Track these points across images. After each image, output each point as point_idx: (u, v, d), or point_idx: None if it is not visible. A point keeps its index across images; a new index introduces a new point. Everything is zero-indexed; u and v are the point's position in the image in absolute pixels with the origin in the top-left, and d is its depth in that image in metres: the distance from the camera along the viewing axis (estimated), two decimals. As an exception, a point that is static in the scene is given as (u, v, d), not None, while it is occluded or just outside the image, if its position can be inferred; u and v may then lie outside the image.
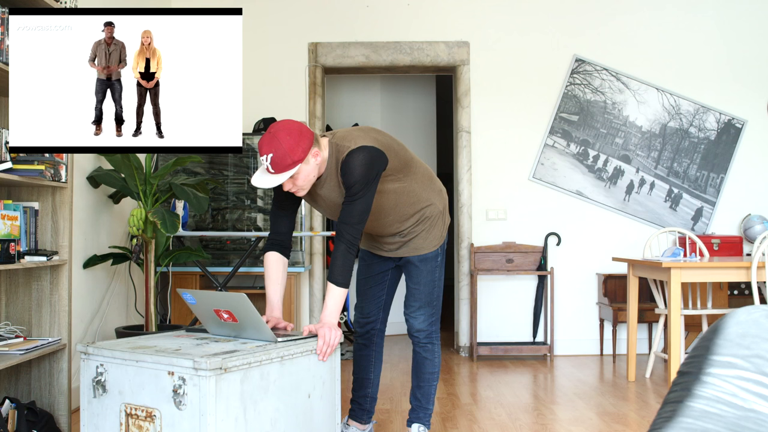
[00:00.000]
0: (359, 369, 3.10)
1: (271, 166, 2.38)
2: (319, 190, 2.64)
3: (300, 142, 2.41)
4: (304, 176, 2.47)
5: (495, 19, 5.55)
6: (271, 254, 2.69)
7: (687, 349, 4.69)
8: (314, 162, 2.48)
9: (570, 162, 5.52)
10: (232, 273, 4.56)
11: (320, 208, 2.79)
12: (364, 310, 3.06)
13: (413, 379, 3.07)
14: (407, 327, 3.02)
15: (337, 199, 2.63)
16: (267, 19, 5.50)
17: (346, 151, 2.54)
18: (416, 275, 2.91)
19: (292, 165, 2.39)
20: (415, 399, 3.04)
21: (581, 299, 5.50)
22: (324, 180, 2.60)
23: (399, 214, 2.77)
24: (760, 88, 5.55)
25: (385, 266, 3.02)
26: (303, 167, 2.44)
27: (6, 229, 2.75)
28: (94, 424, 2.33)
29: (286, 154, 2.37)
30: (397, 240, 2.88)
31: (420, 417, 3.01)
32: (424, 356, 3.01)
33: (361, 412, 3.10)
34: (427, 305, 2.92)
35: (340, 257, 2.53)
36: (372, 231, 2.86)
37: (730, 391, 0.78)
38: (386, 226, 2.80)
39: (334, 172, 2.58)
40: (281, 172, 2.39)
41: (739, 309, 0.86)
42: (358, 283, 3.06)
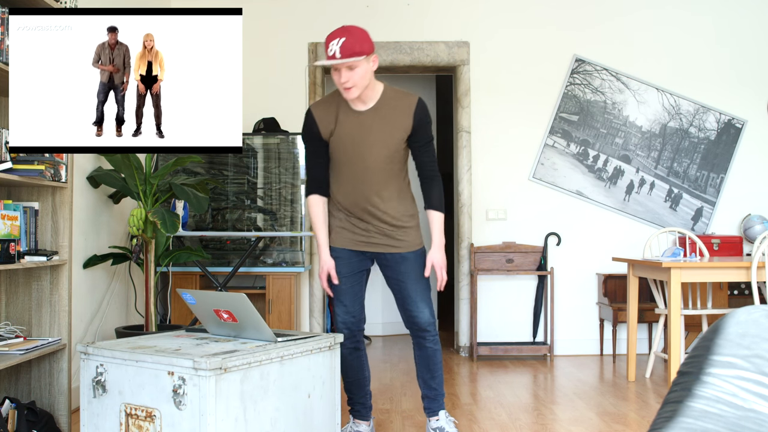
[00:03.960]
0: (354, 371, 3.07)
1: (340, 50, 2.62)
2: (368, 121, 2.82)
3: (368, 39, 2.71)
4: (362, 73, 2.69)
5: (495, 19, 5.55)
6: (314, 197, 2.95)
7: (687, 349, 4.69)
8: (371, 67, 2.75)
9: (570, 162, 5.52)
10: (232, 273, 4.55)
11: (356, 143, 2.85)
12: (351, 309, 3.00)
13: (424, 373, 3.07)
14: (413, 325, 3.00)
15: (388, 131, 2.82)
16: (267, 19, 5.50)
17: (409, 95, 2.88)
18: (414, 270, 2.97)
19: (359, 53, 2.64)
20: (431, 390, 3.06)
21: (581, 299, 5.50)
22: (378, 108, 2.83)
23: (397, 181, 2.93)
24: (760, 88, 5.55)
25: (363, 265, 3.03)
26: (363, 64, 2.69)
27: (6, 229, 2.75)
28: (94, 424, 2.33)
29: (356, 42, 2.64)
30: (388, 227, 2.92)
31: (441, 404, 3.08)
32: (435, 348, 3.04)
33: (365, 410, 3.11)
34: (428, 297, 3.00)
35: (438, 190, 2.92)
36: (366, 183, 2.89)
37: (730, 391, 0.78)
38: (381, 183, 2.89)
39: (392, 104, 2.84)
40: (347, 58, 2.63)
41: (739, 309, 0.86)
42: (340, 282, 2.99)
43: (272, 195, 5.15)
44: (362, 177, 2.89)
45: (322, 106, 2.91)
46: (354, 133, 2.84)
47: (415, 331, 3.02)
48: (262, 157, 5.14)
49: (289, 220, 5.12)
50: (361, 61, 2.68)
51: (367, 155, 2.85)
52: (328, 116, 2.87)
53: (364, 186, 2.89)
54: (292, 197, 5.12)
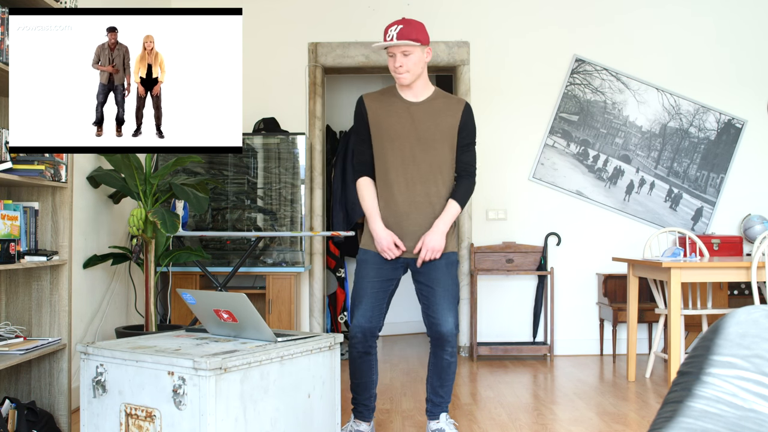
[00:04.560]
0: (362, 374, 3.04)
1: (397, 35, 2.78)
2: (419, 113, 2.92)
3: (424, 31, 2.87)
4: (415, 60, 2.84)
5: (495, 19, 5.55)
6: (365, 179, 3.01)
7: (687, 349, 4.69)
8: (425, 57, 2.89)
9: (570, 162, 5.52)
10: (232, 273, 4.56)
11: (404, 134, 2.91)
12: (369, 314, 2.95)
13: (435, 380, 3.06)
14: (435, 333, 2.97)
15: (435, 124, 2.90)
16: (267, 19, 5.50)
17: (459, 98, 3.02)
18: (445, 278, 2.96)
19: (414, 39, 2.79)
20: (437, 396, 3.07)
21: (581, 299, 5.50)
22: (429, 102, 2.94)
23: (445, 177, 2.98)
24: (760, 88, 5.55)
25: (395, 274, 3.00)
26: (418, 52, 2.84)
27: (6, 229, 2.75)
28: (94, 424, 2.33)
29: (412, 30, 2.80)
30: (426, 224, 2.93)
31: (444, 409, 3.10)
32: (451, 360, 3.04)
33: (368, 412, 3.10)
34: (455, 307, 2.99)
35: (467, 186, 2.97)
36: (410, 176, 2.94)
37: (730, 391, 0.78)
38: (424, 178, 2.94)
39: (442, 101, 2.96)
40: (402, 40, 2.78)
41: (739, 309, 0.86)
42: (364, 286, 2.97)
43: (272, 195, 5.15)
44: (407, 170, 2.93)
45: (374, 94, 3.03)
46: (403, 122, 2.92)
47: (435, 340, 2.99)
48: (262, 157, 5.14)
49: (289, 220, 5.12)
50: (416, 48, 2.83)
51: (415, 147, 2.92)
52: (380, 104, 2.97)
53: (408, 180, 2.93)
54: (292, 197, 5.12)
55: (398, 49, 2.82)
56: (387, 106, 2.96)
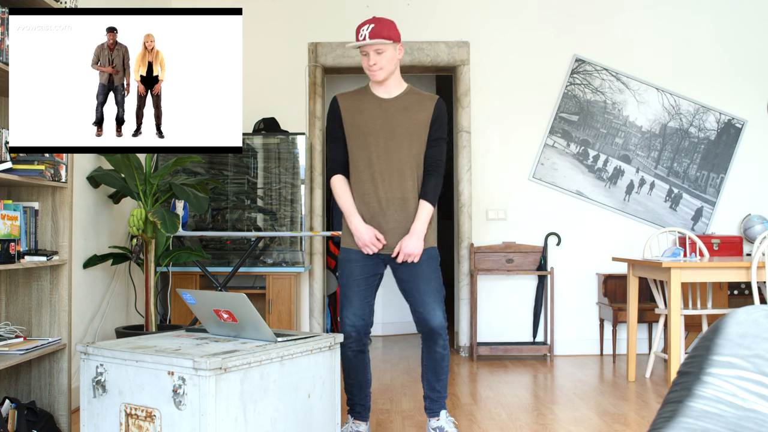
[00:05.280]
0: (357, 373, 3.06)
1: (369, 34, 2.85)
2: (391, 109, 2.97)
3: (395, 28, 2.93)
4: (388, 58, 2.92)
5: (495, 19, 5.55)
6: (339, 177, 3.03)
7: (687, 349, 4.69)
8: (397, 55, 2.96)
9: (570, 162, 5.52)
10: (232, 273, 4.56)
11: (378, 129, 2.96)
12: (360, 312, 2.98)
13: (430, 375, 3.08)
14: (425, 328, 2.99)
15: (408, 116, 2.96)
16: (267, 19, 5.50)
17: (432, 95, 3.06)
18: (427, 272, 2.97)
19: (386, 37, 2.87)
20: (434, 392, 3.09)
21: (581, 299, 5.50)
22: (402, 98, 3.00)
23: (420, 172, 3.01)
24: (760, 88, 5.55)
25: (378, 269, 3.04)
26: (390, 49, 2.91)
27: (6, 229, 2.75)
28: (94, 424, 2.33)
29: (383, 28, 2.88)
30: (403, 220, 2.94)
31: (443, 405, 3.11)
32: (444, 353, 3.06)
33: (365, 411, 3.11)
34: (441, 299, 3.00)
35: (436, 183, 2.98)
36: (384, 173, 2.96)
37: (730, 391, 0.78)
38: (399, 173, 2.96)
39: (415, 97, 3.02)
40: (375, 39, 2.85)
41: (739, 309, 0.86)
42: (351, 285, 2.99)
43: (272, 195, 5.15)
44: (381, 166, 2.95)
45: (347, 94, 3.08)
46: (376, 118, 2.96)
47: (426, 334, 3.02)
48: (262, 157, 5.14)
49: (289, 220, 5.12)
50: (388, 46, 2.90)
51: (389, 141, 2.95)
52: (353, 103, 3.01)
53: (383, 176, 2.95)
54: (292, 197, 5.12)
55: (371, 47, 2.89)
56: (360, 104, 3.01)
